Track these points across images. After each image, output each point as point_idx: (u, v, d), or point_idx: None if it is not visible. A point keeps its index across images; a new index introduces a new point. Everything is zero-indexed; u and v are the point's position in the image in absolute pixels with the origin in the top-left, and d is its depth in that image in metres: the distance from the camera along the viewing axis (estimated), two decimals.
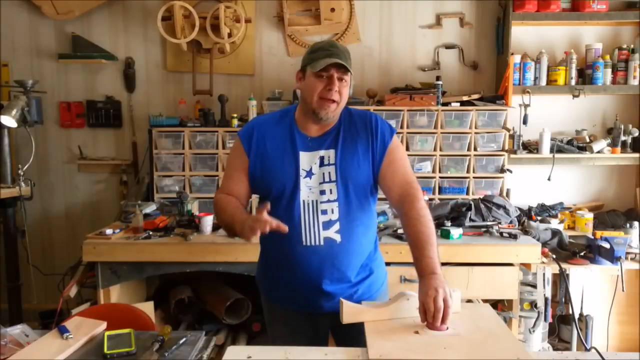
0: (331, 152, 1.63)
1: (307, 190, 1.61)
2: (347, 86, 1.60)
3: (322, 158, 1.63)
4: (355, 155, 1.63)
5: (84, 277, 2.71)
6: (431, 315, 1.33)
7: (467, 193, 3.37)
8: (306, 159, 1.62)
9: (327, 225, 1.61)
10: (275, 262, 1.71)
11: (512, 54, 3.39)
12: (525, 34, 3.53)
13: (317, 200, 1.61)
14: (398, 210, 1.63)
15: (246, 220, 1.46)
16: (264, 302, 1.83)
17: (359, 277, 1.68)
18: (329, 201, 1.61)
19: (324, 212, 1.61)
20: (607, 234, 2.83)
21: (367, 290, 1.70)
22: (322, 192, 1.61)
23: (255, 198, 2.31)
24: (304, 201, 1.61)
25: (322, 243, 1.60)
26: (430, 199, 3.23)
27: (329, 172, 1.61)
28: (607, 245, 2.70)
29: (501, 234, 2.68)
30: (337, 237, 1.61)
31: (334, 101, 1.57)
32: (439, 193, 3.38)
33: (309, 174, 1.62)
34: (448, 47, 3.63)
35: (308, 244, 1.60)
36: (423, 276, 1.42)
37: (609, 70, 3.37)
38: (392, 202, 1.66)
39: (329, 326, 1.74)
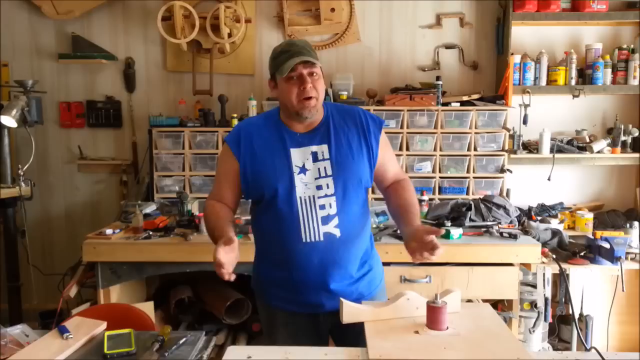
0: (324, 147, 1.63)
1: (302, 186, 1.61)
2: (319, 78, 1.61)
3: (314, 154, 1.63)
4: (349, 149, 1.64)
5: (84, 277, 2.71)
6: (429, 245, 1.41)
7: (467, 193, 3.37)
8: (298, 156, 1.63)
9: (326, 220, 1.61)
10: (274, 263, 1.70)
11: (512, 54, 3.39)
12: (525, 34, 3.53)
13: (314, 196, 1.61)
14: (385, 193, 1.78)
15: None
16: (262, 306, 1.80)
17: (360, 273, 1.69)
18: (326, 196, 1.61)
19: (322, 207, 1.61)
20: (607, 234, 2.83)
21: (367, 287, 1.71)
22: (319, 187, 1.61)
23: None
24: (300, 197, 1.61)
25: (322, 238, 1.60)
26: (430, 199, 3.22)
27: (324, 167, 1.62)
28: (607, 245, 2.70)
29: (501, 234, 2.68)
30: (337, 232, 1.61)
31: (312, 97, 1.58)
32: (439, 193, 3.38)
33: (303, 170, 1.62)
34: (448, 47, 3.63)
35: (308, 240, 1.60)
36: (410, 225, 1.56)
37: (609, 70, 3.37)
38: (382, 192, 1.78)
39: (329, 327, 1.74)
